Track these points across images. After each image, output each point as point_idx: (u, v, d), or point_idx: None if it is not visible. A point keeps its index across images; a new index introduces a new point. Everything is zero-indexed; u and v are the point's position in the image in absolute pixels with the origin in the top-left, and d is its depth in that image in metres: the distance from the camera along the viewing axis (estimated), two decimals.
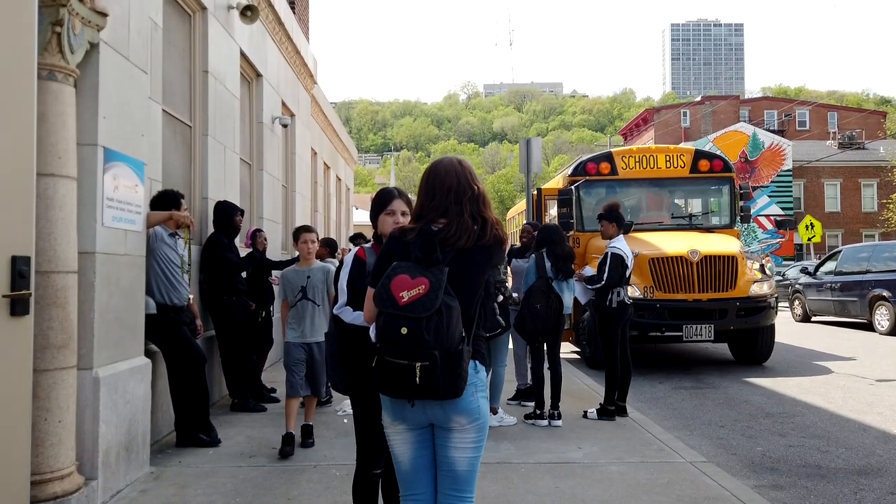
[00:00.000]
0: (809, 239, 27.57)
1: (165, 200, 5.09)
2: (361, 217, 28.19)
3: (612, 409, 6.15)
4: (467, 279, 2.39)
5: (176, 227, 5.14)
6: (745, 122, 46.96)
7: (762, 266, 9.88)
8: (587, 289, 6.39)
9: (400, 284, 2.24)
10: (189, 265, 5.26)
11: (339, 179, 18.76)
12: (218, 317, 6.45)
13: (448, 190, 2.46)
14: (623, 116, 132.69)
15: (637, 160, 10.75)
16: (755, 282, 9.37)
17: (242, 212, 6.88)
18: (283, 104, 10.24)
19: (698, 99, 56.65)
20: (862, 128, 48.87)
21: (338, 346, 3.13)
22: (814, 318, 17.54)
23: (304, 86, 11.97)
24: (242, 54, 8.00)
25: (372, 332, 2.36)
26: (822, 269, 16.68)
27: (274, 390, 7.16)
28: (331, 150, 16.82)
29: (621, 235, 6.37)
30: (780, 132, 46.68)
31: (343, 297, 3.07)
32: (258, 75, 8.90)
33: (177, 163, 6.33)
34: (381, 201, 3.14)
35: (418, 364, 2.18)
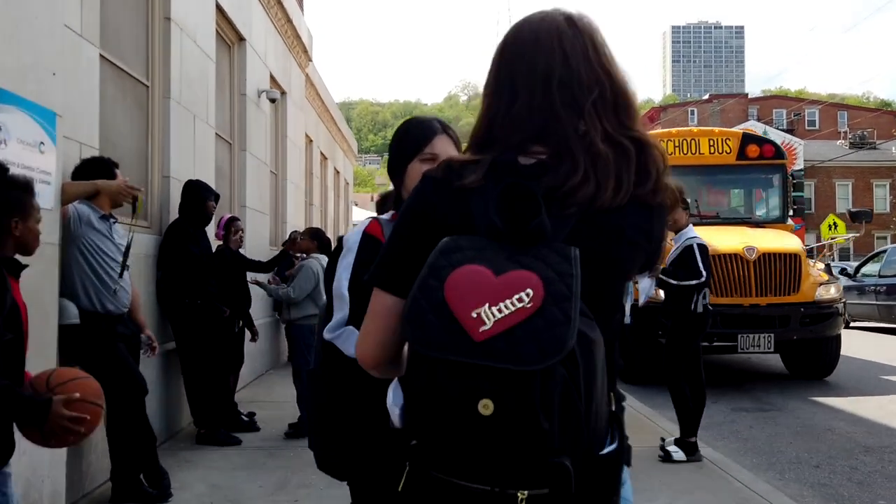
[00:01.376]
0: (832, 238, 26.31)
1: (93, 170, 3.72)
2: (361, 216, 26.87)
3: (693, 441, 4.83)
4: (608, 275, 1.06)
5: (111, 206, 3.79)
6: (754, 120, 45.79)
7: (828, 266, 8.55)
8: (652, 287, 5.06)
9: (470, 288, 0.88)
10: (127, 263, 3.84)
11: (338, 172, 17.40)
12: (179, 325, 5.09)
13: (546, 79, 1.11)
14: None
15: (676, 144, 9.40)
16: (821, 284, 8.03)
17: (217, 197, 5.55)
18: (272, 77, 8.88)
19: (706, 97, 55.52)
20: (873, 127, 47.78)
21: (328, 396, 1.73)
22: (853, 324, 16.19)
23: (298, 61, 10.62)
24: (219, 8, 6.64)
25: (393, 403, 0.99)
26: (863, 270, 15.37)
27: (252, 414, 5.82)
28: (328, 139, 15.42)
29: (691, 224, 5.06)
30: (790, 131, 45.56)
31: (342, 311, 1.67)
32: (241, 39, 7.56)
33: (125, 129, 4.98)
34: (414, 142, 1.72)
35: (524, 494, 0.83)
